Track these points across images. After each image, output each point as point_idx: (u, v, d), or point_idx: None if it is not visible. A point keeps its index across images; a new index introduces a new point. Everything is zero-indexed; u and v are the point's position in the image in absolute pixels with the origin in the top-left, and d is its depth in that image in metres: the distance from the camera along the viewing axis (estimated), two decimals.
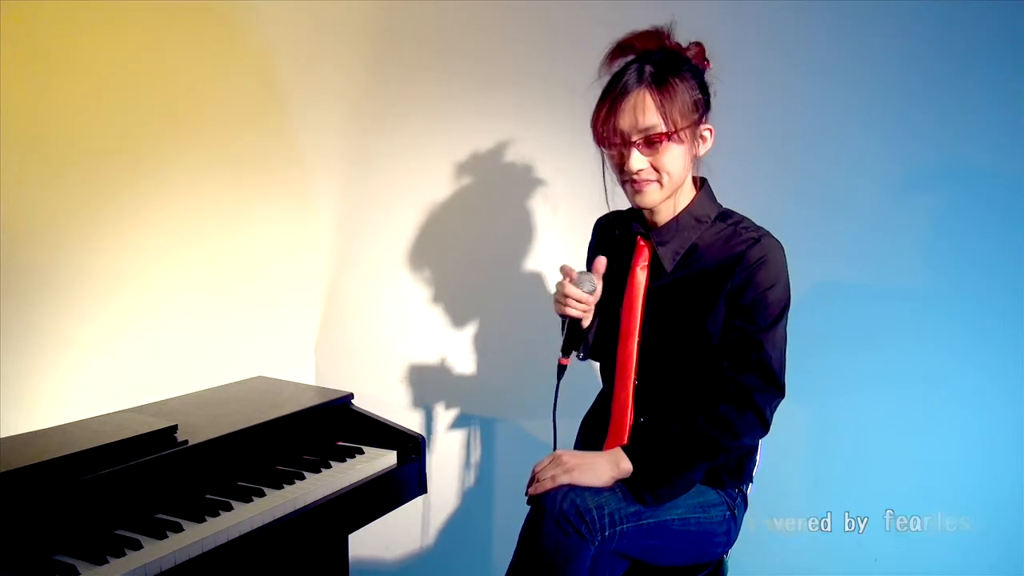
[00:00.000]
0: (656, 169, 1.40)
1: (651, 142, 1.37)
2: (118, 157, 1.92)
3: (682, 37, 1.49)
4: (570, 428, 1.68)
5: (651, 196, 1.43)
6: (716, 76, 1.47)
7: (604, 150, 1.45)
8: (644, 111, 1.37)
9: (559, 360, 1.49)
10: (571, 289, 1.45)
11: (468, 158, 2.24)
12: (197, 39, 2.09)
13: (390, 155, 2.33)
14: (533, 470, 1.43)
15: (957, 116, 1.82)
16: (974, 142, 1.81)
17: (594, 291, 1.46)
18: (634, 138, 1.38)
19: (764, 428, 1.42)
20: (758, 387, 1.39)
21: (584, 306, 1.45)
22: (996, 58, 1.79)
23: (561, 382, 1.51)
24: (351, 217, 2.40)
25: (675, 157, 1.39)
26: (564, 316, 1.47)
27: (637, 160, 1.39)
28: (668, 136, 1.37)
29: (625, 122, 1.38)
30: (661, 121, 1.36)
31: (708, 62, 1.47)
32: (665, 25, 1.44)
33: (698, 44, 1.47)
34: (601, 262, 1.47)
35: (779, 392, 1.42)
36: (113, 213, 1.91)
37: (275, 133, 2.28)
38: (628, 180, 1.43)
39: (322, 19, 2.28)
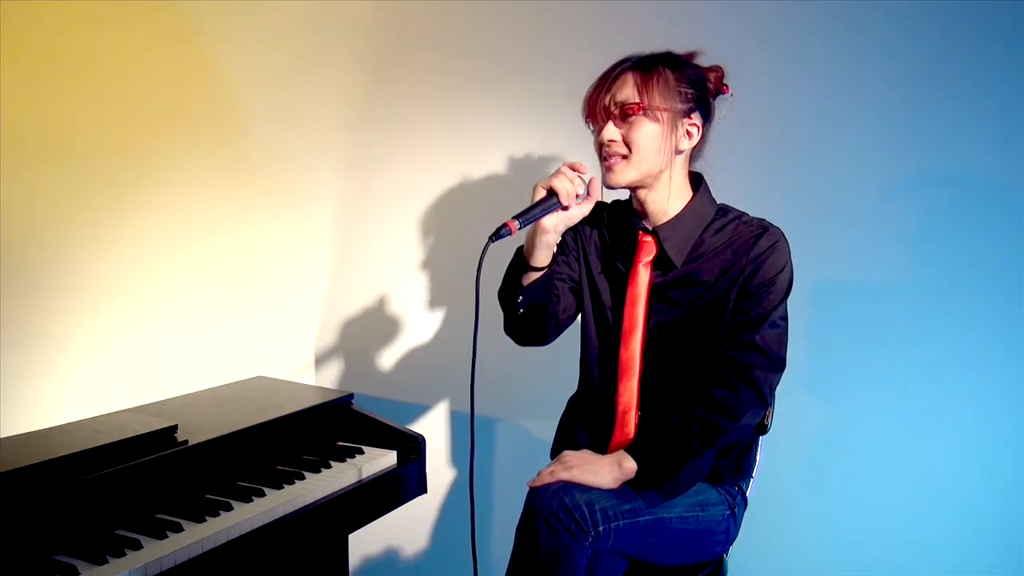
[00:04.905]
0: (627, 144, 1.42)
1: (626, 114, 1.42)
2: (118, 157, 1.92)
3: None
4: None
5: (619, 175, 1.44)
6: (729, 98, 1.50)
7: (590, 127, 1.49)
8: (624, 87, 1.42)
9: (506, 222, 1.38)
10: (569, 172, 1.43)
11: (468, 158, 2.24)
12: (197, 39, 2.09)
13: (390, 155, 2.33)
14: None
15: (956, 116, 1.82)
16: (974, 142, 1.81)
17: (584, 196, 1.46)
18: (612, 110, 1.43)
19: (763, 404, 1.43)
20: (759, 364, 1.41)
21: (571, 188, 1.42)
22: (995, 58, 1.79)
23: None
24: (351, 217, 2.40)
25: (648, 135, 1.41)
26: (548, 190, 1.44)
27: (610, 131, 1.43)
28: (641, 109, 1.40)
29: (607, 97, 1.43)
30: (637, 96, 1.41)
31: (727, 87, 1.50)
32: (690, 52, 1.49)
33: (717, 68, 1.50)
34: (595, 182, 1.48)
35: (780, 368, 1.44)
36: (113, 213, 1.91)
37: (275, 133, 2.28)
38: (601, 155, 1.46)
39: (322, 19, 2.28)
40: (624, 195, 1.57)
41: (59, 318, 1.79)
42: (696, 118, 1.45)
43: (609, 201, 1.60)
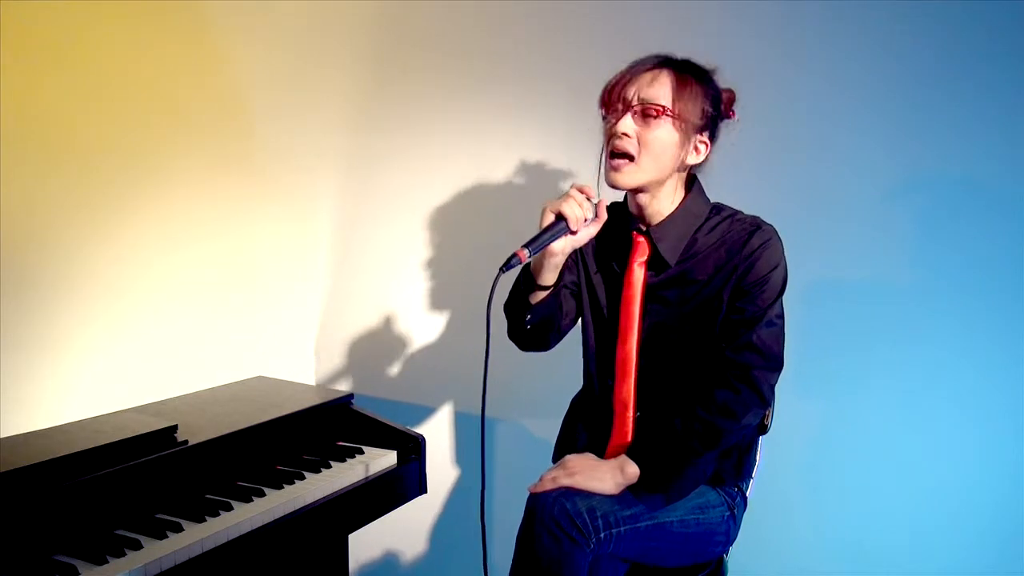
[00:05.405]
0: (640, 142, 1.41)
1: (648, 114, 1.40)
2: (118, 157, 1.92)
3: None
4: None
5: (624, 176, 1.43)
6: (733, 123, 1.50)
7: (605, 117, 1.46)
8: (655, 84, 1.40)
9: (516, 251, 1.35)
10: (577, 195, 1.41)
11: (468, 158, 2.24)
12: (197, 39, 2.09)
13: (390, 155, 2.33)
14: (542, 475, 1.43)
15: (956, 116, 1.82)
16: (974, 142, 1.81)
17: (592, 218, 1.44)
18: (634, 104, 1.41)
19: (763, 404, 1.43)
20: (757, 364, 1.41)
21: (580, 213, 1.40)
22: (995, 59, 1.79)
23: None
24: (351, 217, 2.40)
25: (662, 139, 1.40)
26: (557, 215, 1.41)
27: (626, 123, 1.40)
28: (667, 113, 1.39)
29: (633, 89, 1.41)
30: (669, 99, 1.39)
31: (734, 112, 1.50)
32: (710, 67, 1.47)
33: (730, 91, 1.49)
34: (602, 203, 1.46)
35: (778, 367, 1.44)
36: (113, 213, 1.91)
37: (275, 133, 2.28)
38: (609, 146, 1.43)
39: (322, 19, 2.28)
40: (620, 195, 1.57)
41: (59, 318, 1.80)
42: (706, 136, 1.45)
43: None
